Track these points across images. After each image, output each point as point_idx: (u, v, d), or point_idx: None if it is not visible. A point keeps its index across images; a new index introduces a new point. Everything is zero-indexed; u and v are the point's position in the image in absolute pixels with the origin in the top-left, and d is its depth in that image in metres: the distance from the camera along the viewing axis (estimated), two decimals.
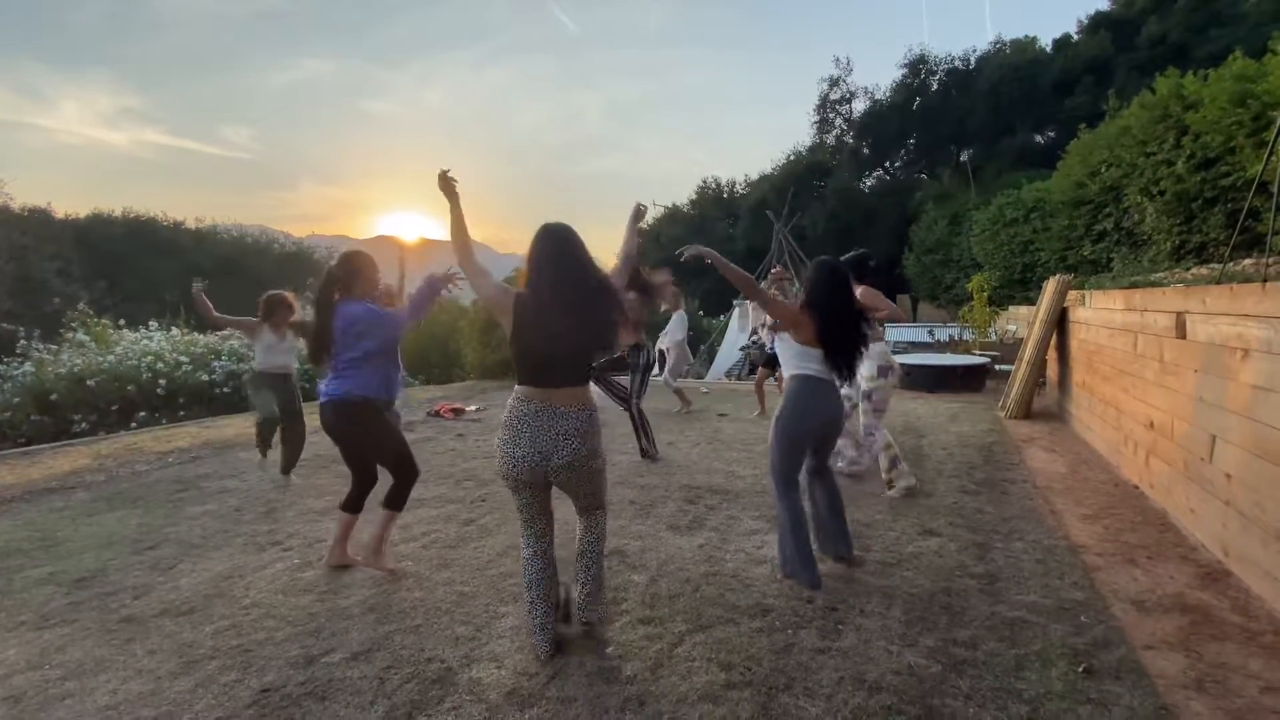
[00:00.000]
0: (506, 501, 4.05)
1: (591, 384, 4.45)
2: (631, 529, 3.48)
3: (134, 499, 4.37)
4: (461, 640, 2.39)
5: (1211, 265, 8.86)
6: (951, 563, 2.97)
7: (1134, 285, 6.93)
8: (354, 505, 3.06)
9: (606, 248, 2.62)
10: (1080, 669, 2.15)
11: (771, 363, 6.88)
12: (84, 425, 6.75)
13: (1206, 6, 17.71)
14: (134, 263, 18.02)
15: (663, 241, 32.54)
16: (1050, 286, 6.43)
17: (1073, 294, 6.35)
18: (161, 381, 7.28)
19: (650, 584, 2.80)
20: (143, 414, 7.11)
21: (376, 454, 3.02)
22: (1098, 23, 21.64)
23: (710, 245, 4.24)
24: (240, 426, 6.68)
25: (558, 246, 2.18)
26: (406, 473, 3.02)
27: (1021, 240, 15.63)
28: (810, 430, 2.83)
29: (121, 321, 8.73)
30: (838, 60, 26.51)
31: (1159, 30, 18.20)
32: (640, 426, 5.03)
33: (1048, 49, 24.35)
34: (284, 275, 25.77)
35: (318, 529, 3.62)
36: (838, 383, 2.84)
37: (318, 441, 5.95)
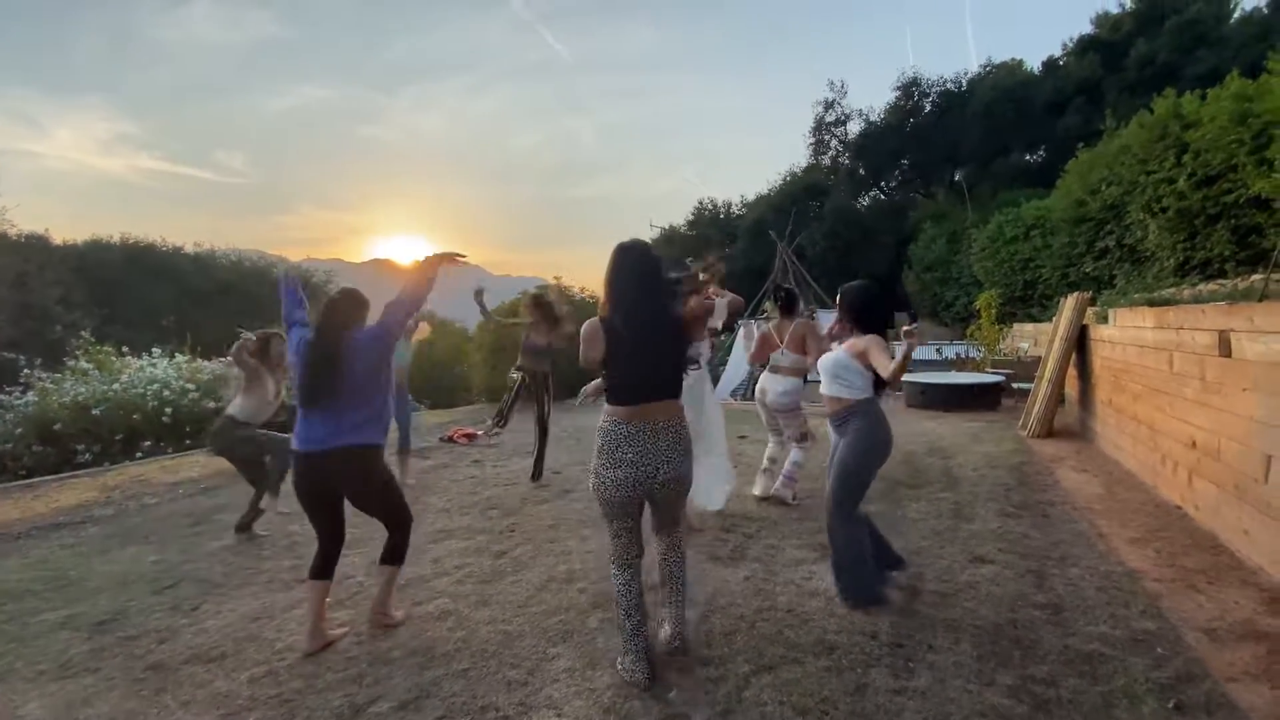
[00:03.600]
0: (537, 532, 3.93)
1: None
2: None
3: (146, 534, 4.23)
4: (514, 685, 2.27)
5: (1219, 281, 8.91)
6: (1011, 592, 2.87)
7: (1151, 303, 6.92)
8: (328, 570, 2.68)
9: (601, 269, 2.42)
10: (1170, 705, 2.05)
11: None
12: (88, 456, 6.58)
13: (1192, 29, 18.12)
14: (132, 288, 17.89)
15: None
16: (1069, 303, 6.41)
17: (1090, 310, 6.34)
18: (168, 410, 7.12)
19: (702, 620, 2.68)
20: (148, 443, 6.94)
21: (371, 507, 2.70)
22: (1086, 45, 22.07)
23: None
24: None
25: (639, 264, 2.20)
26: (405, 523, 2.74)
27: (1022, 258, 15.75)
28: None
29: (125, 349, 8.60)
30: (832, 83, 26.93)
31: (1147, 52, 18.58)
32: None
33: (1034, 71, 24.83)
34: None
35: (344, 564, 3.46)
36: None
37: None
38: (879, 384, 2.87)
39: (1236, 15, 19.94)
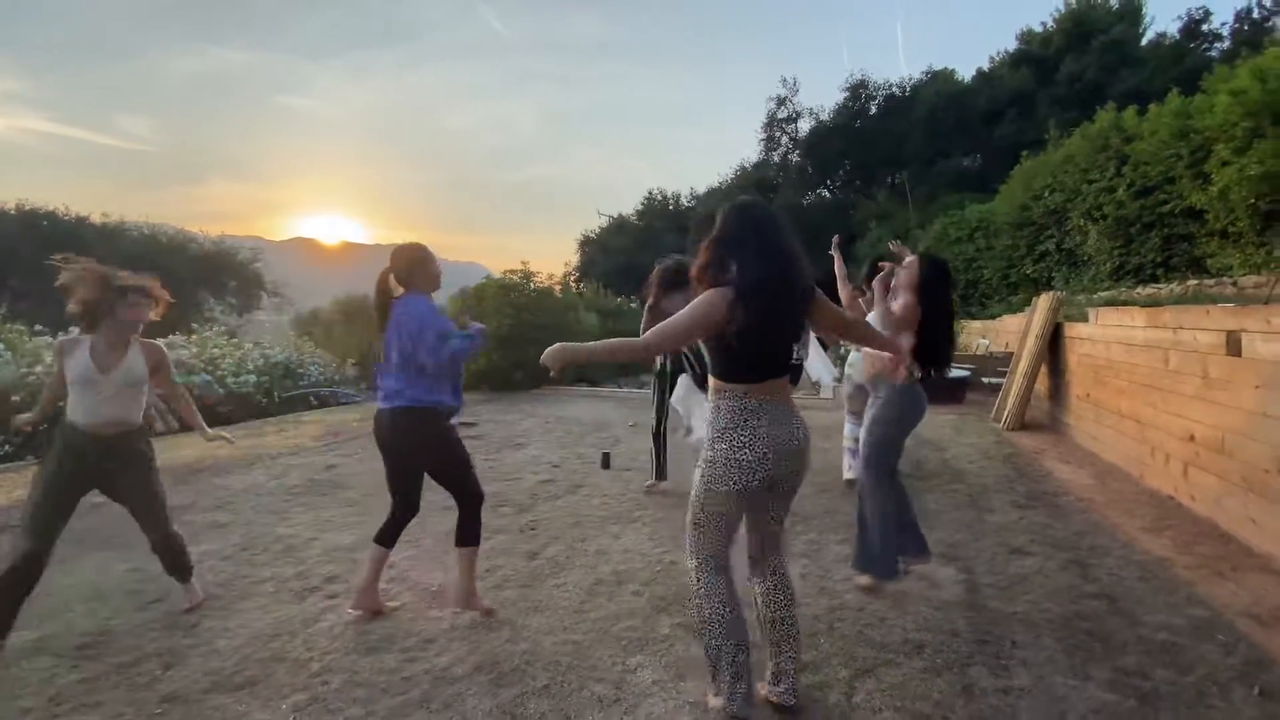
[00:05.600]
0: (562, 530, 3.72)
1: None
2: None
3: (106, 539, 3.71)
4: (607, 702, 2.08)
5: (1155, 285, 9.63)
6: (1062, 583, 2.93)
7: (1110, 302, 7.35)
8: (390, 538, 2.70)
9: (550, 256, 2.33)
10: (1255, 692, 2.12)
11: None
12: (6, 449, 5.76)
13: (1117, 49, 19.55)
14: (28, 260, 15.98)
15: (610, 250, 32.44)
16: (1043, 303, 6.72)
17: (1043, 304, 6.67)
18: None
19: None
20: None
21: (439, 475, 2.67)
22: (1019, 59, 23.45)
23: (658, 256, 4.01)
24: (203, 447, 5.91)
25: (774, 225, 1.92)
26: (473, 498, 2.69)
27: (965, 258, 16.55)
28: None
29: (38, 327, 7.62)
30: (785, 80, 27.42)
31: (1076, 68, 19.92)
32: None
33: (965, 80, 26.14)
34: (202, 277, 23.68)
35: (360, 570, 3.15)
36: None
37: (312, 462, 5.35)
38: (920, 355, 2.83)
39: (1149, 37, 21.68)
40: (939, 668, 2.25)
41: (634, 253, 30.37)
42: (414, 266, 2.65)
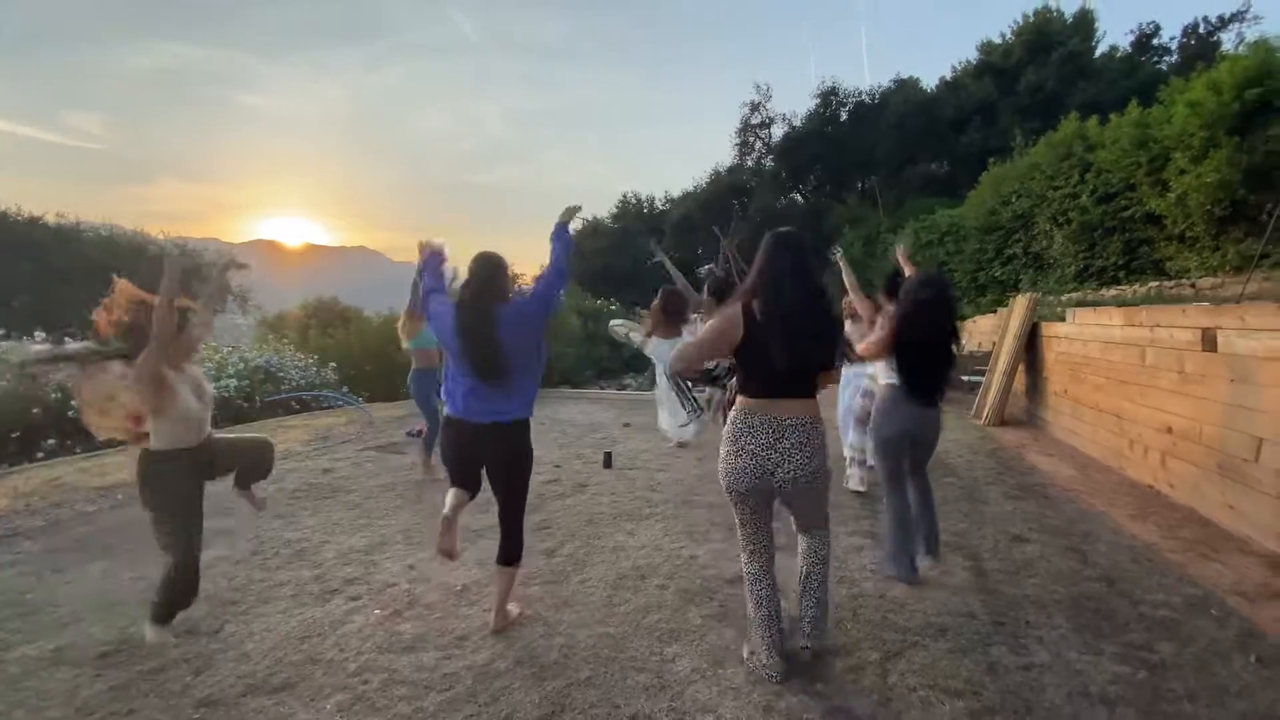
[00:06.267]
0: (576, 529, 3.75)
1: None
2: (733, 552, 3.31)
3: (104, 547, 3.60)
4: (652, 690, 2.13)
5: (1119, 287, 10.08)
6: (1064, 568, 3.08)
7: (1080, 303, 7.68)
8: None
9: (523, 258, 2.43)
10: (1252, 659, 2.28)
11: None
12: None
13: (1074, 61, 20.38)
14: None
15: (586, 254, 32.37)
16: (1020, 304, 7.00)
17: (1020, 305, 6.96)
18: (74, 402, 6.11)
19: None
20: (51, 442, 5.93)
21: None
22: (981, 70, 24.22)
23: (634, 260, 4.15)
24: None
25: (797, 259, 2.13)
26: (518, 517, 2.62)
27: (936, 262, 17.03)
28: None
29: (2, 331, 7.31)
30: (758, 86, 27.79)
31: (1036, 80, 20.70)
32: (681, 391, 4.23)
33: (930, 89, 26.90)
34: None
35: (379, 572, 3.15)
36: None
37: (307, 466, 5.25)
38: (901, 369, 2.95)
39: (1101, 49, 22.61)
40: (963, 648, 2.36)
41: (610, 256, 30.42)
42: (503, 274, 2.53)
